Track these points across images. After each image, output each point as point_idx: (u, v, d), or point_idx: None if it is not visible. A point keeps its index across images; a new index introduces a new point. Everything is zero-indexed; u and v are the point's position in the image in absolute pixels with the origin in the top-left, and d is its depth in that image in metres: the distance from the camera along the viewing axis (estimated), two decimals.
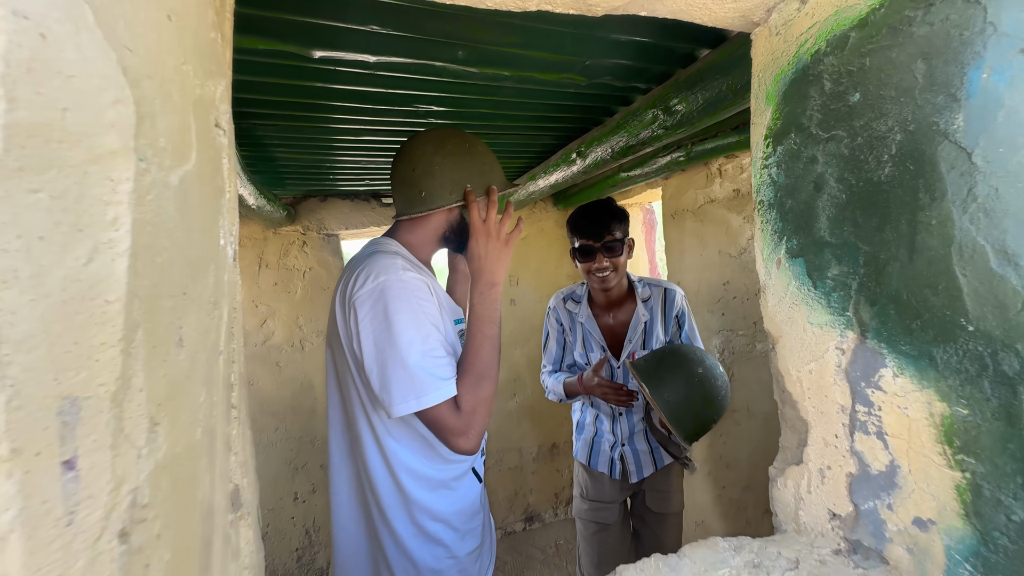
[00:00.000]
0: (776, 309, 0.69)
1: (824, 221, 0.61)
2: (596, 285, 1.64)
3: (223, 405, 0.39)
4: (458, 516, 1.05)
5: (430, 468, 1.01)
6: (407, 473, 0.99)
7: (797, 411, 0.68)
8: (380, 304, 0.88)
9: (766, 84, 0.69)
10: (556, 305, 1.81)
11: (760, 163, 0.70)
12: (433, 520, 1.01)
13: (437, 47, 1.05)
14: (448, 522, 1.03)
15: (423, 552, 1.00)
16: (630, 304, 1.70)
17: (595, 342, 1.72)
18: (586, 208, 1.65)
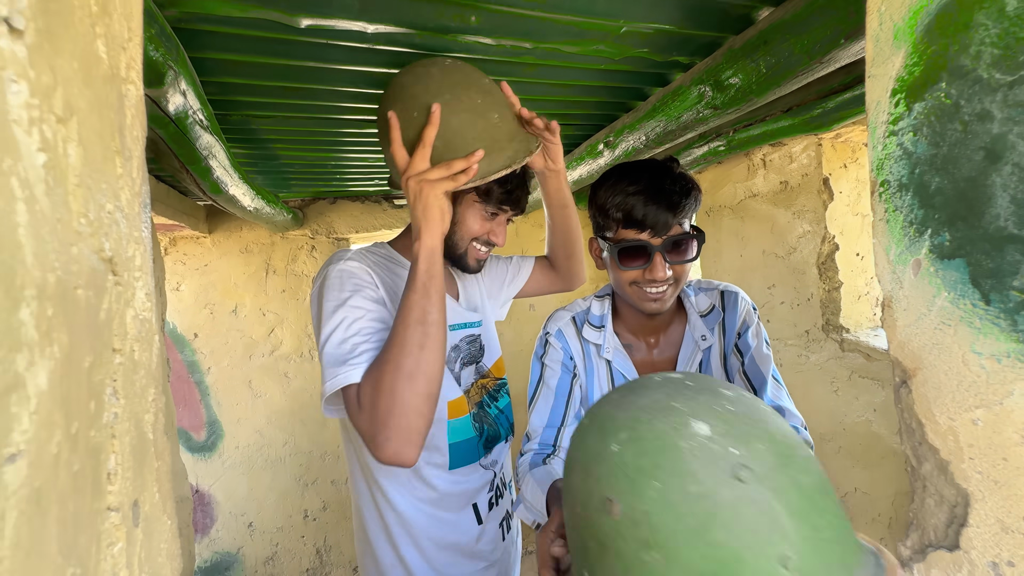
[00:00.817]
0: (912, 331, 0.50)
1: (1005, 204, 0.41)
2: (642, 305, 0.92)
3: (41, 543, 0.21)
4: (433, 546, 0.96)
5: (406, 483, 0.95)
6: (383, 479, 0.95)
7: (947, 474, 0.48)
8: (317, 299, 0.85)
9: (894, 19, 0.50)
10: (562, 334, 1.03)
11: (884, 129, 0.51)
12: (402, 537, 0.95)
13: (447, 12, 0.88)
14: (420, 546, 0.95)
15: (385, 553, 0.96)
16: (679, 322, 1.03)
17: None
18: (636, 171, 0.90)
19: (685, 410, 0.44)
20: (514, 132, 0.87)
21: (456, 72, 0.84)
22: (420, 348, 0.75)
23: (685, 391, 0.47)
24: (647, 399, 0.47)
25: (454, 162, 0.79)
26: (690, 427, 0.42)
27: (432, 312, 0.77)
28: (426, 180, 0.78)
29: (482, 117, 0.83)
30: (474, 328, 1.08)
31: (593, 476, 0.44)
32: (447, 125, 0.80)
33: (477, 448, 1.02)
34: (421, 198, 0.79)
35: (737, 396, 0.47)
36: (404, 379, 0.73)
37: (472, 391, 1.05)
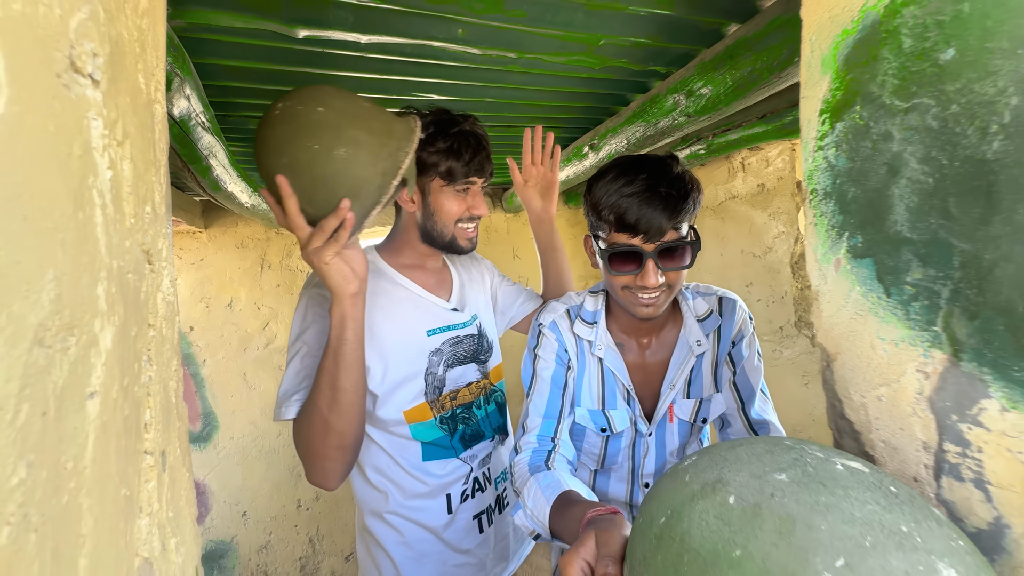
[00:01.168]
0: (834, 320, 0.57)
1: (902, 212, 0.49)
2: (634, 309, 0.88)
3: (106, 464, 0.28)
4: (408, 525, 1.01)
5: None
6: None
7: (860, 444, 0.56)
8: (295, 314, 0.94)
9: (821, 49, 0.57)
10: (556, 326, 0.98)
11: (813, 144, 0.58)
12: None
13: (435, 25, 0.95)
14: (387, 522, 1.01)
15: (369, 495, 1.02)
16: (673, 325, 0.99)
17: (619, 390, 0.97)
18: (634, 169, 0.83)
19: (921, 544, 0.34)
20: (374, 150, 0.75)
21: (284, 124, 0.72)
22: (328, 410, 0.82)
23: (895, 502, 0.37)
24: (856, 508, 0.36)
25: (325, 224, 0.74)
26: (939, 573, 0.32)
27: (340, 378, 0.81)
28: (311, 253, 0.76)
29: (327, 164, 0.72)
30: (461, 329, 1.07)
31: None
32: (300, 190, 0.73)
33: (451, 445, 1.04)
34: (318, 270, 0.78)
35: (948, 519, 0.39)
36: (316, 433, 0.83)
37: (461, 392, 1.06)
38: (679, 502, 0.42)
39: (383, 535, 1.00)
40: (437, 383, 1.03)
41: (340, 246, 0.76)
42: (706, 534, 0.38)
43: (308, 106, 0.72)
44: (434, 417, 1.02)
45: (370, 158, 0.74)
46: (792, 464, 0.41)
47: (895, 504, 0.37)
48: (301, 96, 0.73)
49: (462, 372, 1.07)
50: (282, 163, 0.71)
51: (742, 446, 0.46)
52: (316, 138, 0.71)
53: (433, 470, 1.01)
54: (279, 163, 0.72)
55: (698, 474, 0.44)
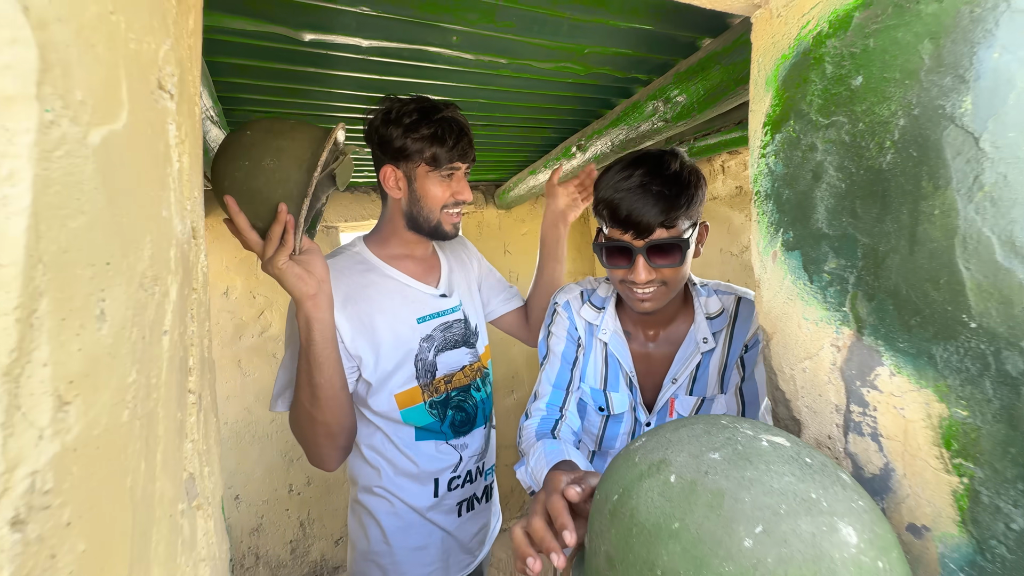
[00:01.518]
0: (771, 304, 0.66)
1: (822, 212, 0.58)
2: (631, 302, 0.92)
3: (171, 388, 0.37)
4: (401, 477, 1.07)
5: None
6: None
7: (790, 410, 0.65)
8: (288, 312, 0.99)
9: (766, 69, 0.66)
10: (569, 306, 1.05)
11: (758, 152, 0.67)
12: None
13: (431, 32, 1.02)
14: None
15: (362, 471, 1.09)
16: (683, 320, 1.00)
17: (622, 375, 1.00)
18: (633, 166, 0.85)
19: (827, 507, 0.39)
20: (297, 153, 0.81)
21: (221, 154, 0.81)
22: (310, 405, 0.90)
23: (809, 472, 0.43)
24: (775, 480, 0.41)
25: (271, 232, 0.80)
26: (839, 532, 0.38)
27: (315, 375, 0.88)
28: (267, 265, 0.82)
29: (258, 175, 0.79)
30: (450, 315, 1.11)
31: (711, 571, 0.37)
32: (245, 206, 0.80)
33: (441, 430, 1.08)
34: (277, 278, 0.83)
35: (853, 481, 0.45)
36: (305, 425, 0.93)
37: (456, 376, 1.10)
38: (629, 481, 0.48)
39: (375, 506, 1.07)
40: (428, 367, 1.06)
41: (288, 249, 0.81)
42: (651, 509, 0.44)
43: (237, 134, 0.82)
44: (424, 401, 1.05)
45: (295, 161, 0.80)
46: (725, 443, 0.46)
47: (808, 474, 0.43)
48: (232, 132, 0.83)
49: (455, 356, 1.11)
50: (224, 186, 0.80)
51: (684, 427, 0.52)
52: (245, 156, 0.79)
53: (424, 450, 1.06)
54: (222, 187, 0.80)
55: (646, 455, 0.49)
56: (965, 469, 0.45)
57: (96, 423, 0.25)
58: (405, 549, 1.06)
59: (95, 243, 0.24)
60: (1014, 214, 0.41)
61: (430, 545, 1.08)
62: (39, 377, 0.21)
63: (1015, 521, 0.42)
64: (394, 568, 1.05)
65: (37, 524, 0.21)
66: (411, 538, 1.07)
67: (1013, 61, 0.42)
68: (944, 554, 0.47)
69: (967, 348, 0.45)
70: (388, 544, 1.05)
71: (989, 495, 0.44)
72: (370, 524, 1.08)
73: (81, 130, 0.23)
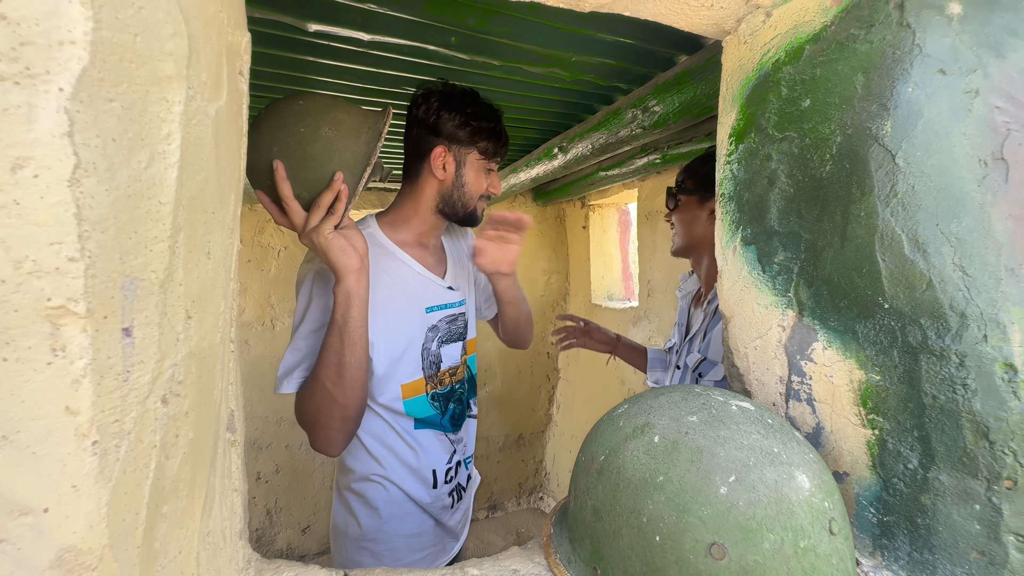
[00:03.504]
0: (731, 291, 0.76)
1: (774, 212, 0.68)
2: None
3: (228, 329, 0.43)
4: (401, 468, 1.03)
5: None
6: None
7: (743, 383, 0.75)
8: (297, 289, 0.95)
9: (733, 88, 0.76)
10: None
11: (724, 159, 0.77)
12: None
13: (431, 31, 1.09)
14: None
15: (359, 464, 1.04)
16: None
17: (679, 324, 1.34)
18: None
19: (785, 459, 0.48)
20: (354, 125, 0.82)
21: (270, 119, 0.79)
22: (333, 385, 0.84)
23: (771, 431, 0.51)
24: (744, 438, 0.50)
25: (321, 199, 0.79)
26: (795, 479, 0.47)
27: (346, 354, 0.83)
28: (312, 232, 0.79)
29: (314, 141, 0.78)
30: (455, 308, 1.11)
31: (693, 515, 0.45)
32: (293, 172, 0.78)
33: (441, 423, 1.08)
34: (320, 248, 0.80)
35: (803, 438, 0.54)
36: (321, 406, 0.86)
37: (459, 369, 1.11)
38: (615, 443, 0.55)
39: (372, 493, 1.03)
40: (433, 358, 1.06)
41: (338, 219, 0.79)
42: (637, 466, 0.50)
43: (288, 101, 0.80)
44: (426, 393, 1.05)
45: (352, 132, 0.80)
46: (700, 408, 0.54)
47: (770, 432, 0.51)
48: (280, 100, 0.81)
49: (456, 349, 1.11)
50: (273, 151, 0.77)
51: (664, 395, 0.60)
52: (301, 122, 0.78)
53: (424, 441, 1.05)
54: (270, 152, 0.77)
55: (629, 420, 0.57)
56: (877, 423, 0.56)
57: (204, 338, 0.31)
58: (401, 536, 1.05)
59: (207, 195, 0.31)
60: (919, 217, 0.52)
61: (424, 532, 1.08)
62: (176, 293, 0.27)
63: (911, 462, 0.53)
64: (389, 554, 1.04)
65: (173, 406, 0.27)
66: (407, 525, 1.06)
67: (922, 95, 0.52)
68: (859, 493, 0.58)
69: (881, 325, 0.55)
70: (383, 531, 1.03)
71: (893, 442, 0.54)
72: (363, 511, 1.05)
73: (205, 104, 0.30)
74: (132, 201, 0.25)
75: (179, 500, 0.29)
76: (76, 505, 0.23)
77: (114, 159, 0.24)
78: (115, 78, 0.24)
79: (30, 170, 0.22)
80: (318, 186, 0.79)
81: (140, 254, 0.25)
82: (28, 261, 0.22)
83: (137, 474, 0.25)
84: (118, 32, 0.24)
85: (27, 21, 0.22)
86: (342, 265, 0.81)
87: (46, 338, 0.22)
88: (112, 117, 0.24)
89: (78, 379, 0.23)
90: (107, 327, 0.24)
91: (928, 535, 0.52)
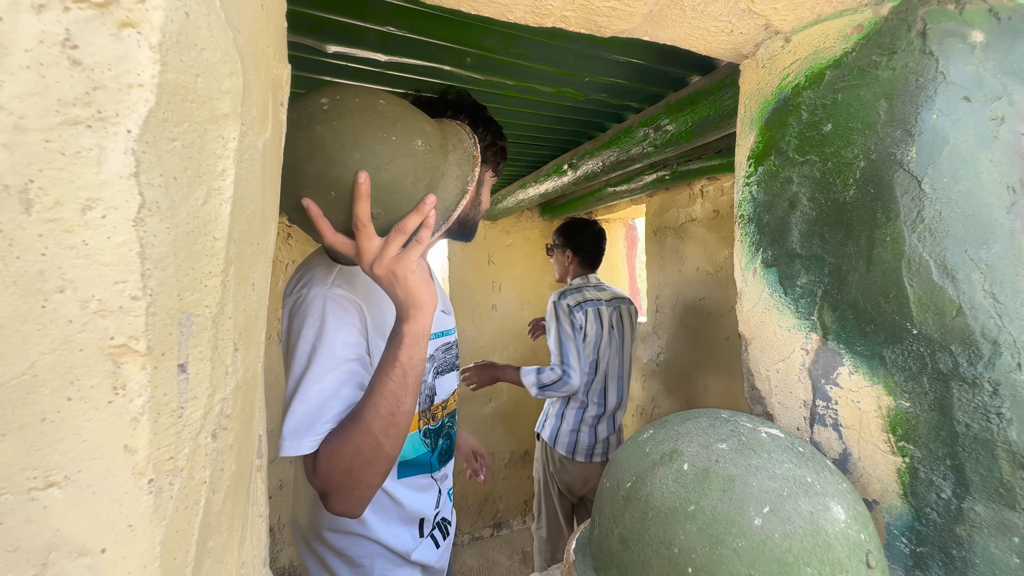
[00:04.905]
0: (750, 313, 0.76)
1: (796, 235, 0.68)
2: None
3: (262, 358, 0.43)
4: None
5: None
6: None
7: (764, 407, 0.74)
8: (296, 321, 0.76)
9: (751, 111, 0.77)
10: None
11: (743, 181, 0.78)
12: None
13: (448, 52, 1.10)
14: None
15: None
16: None
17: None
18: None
19: (820, 489, 0.47)
20: (440, 142, 0.69)
21: (349, 115, 0.62)
22: (384, 435, 0.69)
23: (803, 459, 0.50)
24: (776, 467, 0.48)
25: (406, 222, 0.64)
26: (831, 511, 0.45)
27: (405, 402, 0.70)
28: (392, 262, 0.65)
29: (408, 155, 0.64)
30: (449, 335, 1.03)
31: (726, 547, 0.44)
32: (377, 189, 0.62)
33: (430, 462, 0.97)
34: (399, 281, 0.66)
35: (834, 466, 0.51)
36: (364, 461, 0.70)
37: (450, 401, 1.02)
38: (642, 469, 0.53)
39: (356, 550, 0.91)
40: (428, 391, 0.96)
41: (423, 247, 0.66)
42: (666, 494, 0.49)
43: (365, 98, 0.63)
44: (419, 429, 0.95)
45: (441, 149, 0.67)
46: (730, 435, 0.53)
47: (802, 461, 0.49)
48: (346, 91, 0.64)
49: (450, 380, 1.03)
50: (355, 159, 0.60)
51: (690, 420, 0.59)
52: (391, 129, 0.62)
53: (407, 491, 0.94)
54: (350, 159, 0.60)
55: (656, 446, 0.56)
56: (907, 450, 0.55)
57: (248, 369, 0.31)
58: None
59: (254, 227, 0.31)
60: (947, 243, 0.52)
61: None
62: (226, 327, 0.27)
63: (944, 491, 0.52)
64: None
65: (221, 440, 0.27)
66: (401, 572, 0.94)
67: (947, 122, 0.53)
68: (890, 523, 0.57)
69: (910, 350, 0.55)
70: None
71: (925, 471, 0.54)
72: (344, 568, 0.92)
73: (254, 139, 0.30)
74: (190, 238, 0.25)
75: (221, 534, 0.29)
76: (132, 545, 0.23)
77: (175, 197, 0.25)
78: (177, 118, 0.25)
79: (98, 211, 0.22)
80: (398, 209, 0.65)
81: (196, 290, 0.25)
82: (94, 301, 0.22)
83: (188, 511, 0.25)
84: (182, 74, 0.24)
85: (100, 66, 0.22)
86: (422, 301, 0.68)
87: (108, 377, 0.23)
88: (174, 156, 0.25)
89: (136, 417, 0.23)
90: (164, 364, 0.24)
91: (964, 568, 0.50)
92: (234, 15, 0.27)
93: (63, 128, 0.22)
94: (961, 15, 0.55)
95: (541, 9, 0.64)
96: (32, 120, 0.21)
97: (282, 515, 2.90)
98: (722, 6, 0.64)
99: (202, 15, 0.25)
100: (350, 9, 0.94)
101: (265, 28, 0.33)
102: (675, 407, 2.48)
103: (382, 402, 0.69)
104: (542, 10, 0.64)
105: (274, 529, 2.88)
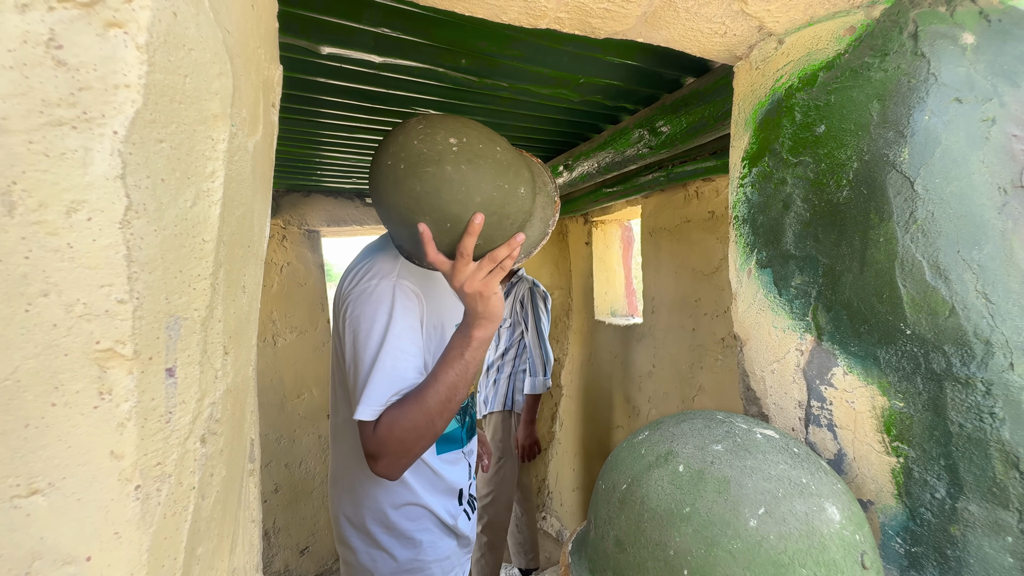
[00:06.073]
0: (745, 314, 0.76)
1: (790, 236, 0.68)
2: None
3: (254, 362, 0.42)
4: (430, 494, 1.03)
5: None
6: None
7: (760, 407, 0.74)
8: (368, 306, 0.88)
9: (745, 112, 0.77)
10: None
11: (737, 182, 0.78)
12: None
13: (443, 54, 1.10)
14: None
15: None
16: None
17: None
18: None
19: (815, 490, 0.47)
20: (533, 186, 0.82)
21: (476, 161, 0.73)
22: (438, 415, 0.83)
23: (797, 460, 0.50)
24: (771, 468, 0.48)
25: (497, 252, 0.78)
26: (826, 512, 0.45)
27: (461, 391, 0.84)
28: (481, 284, 0.78)
29: (513, 202, 0.77)
30: None
31: (722, 548, 0.44)
32: (483, 226, 0.75)
33: (461, 436, 1.08)
34: (482, 299, 0.80)
35: (828, 467, 0.52)
36: (420, 434, 0.83)
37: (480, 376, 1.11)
38: (637, 471, 0.53)
39: (407, 524, 1.02)
40: None
41: (505, 272, 0.81)
42: (662, 496, 0.49)
43: (487, 143, 0.75)
44: None
45: (532, 194, 0.81)
46: (725, 436, 0.53)
47: (797, 462, 0.50)
48: (470, 133, 0.75)
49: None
50: (475, 202, 0.73)
51: (685, 421, 0.59)
52: (505, 177, 0.75)
53: (446, 465, 1.06)
54: (471, 202, 0.73)
55: (652, 447, 0.56)
56: (901, 450, 0.55)
57: (239, 373, 0.31)
58: (436, 561, 1.05)
59: (244, 229, 0.31)
60: (939, 243, 0.52)
61: (451, 554, 1.08)
62: (216, 330, 0.27)
63: (938, 491, 0.52)
64: None
65: (210, 445, 0.26)
66: (439, 550, 1.06)
67: (939, 123, 0.53)
68: (884, 523, 0.57)
69: (904, 351, 0.55)
70: (419, 559, 1.03)
71: (919, 471, 0.54)
72: (396, 543, 1.03)
73: (244, 140, 0.30)
74: (178, 240, 0.25)
75: (211, 540, 0.28)
76: (118, 552, 0.22)
77: (162, 199, 0.24)
78: (165, 119, 0.24)
79: (84, 213, 0.22)
80: (495, 241, 0.78)
81: (184, 293, 0.25)
82: (79, 304, 0.22)
83: (176, 517, 0.25)
84: (170, 74, 0.24)
85: (86, 67, 0.22)
86: (495, 314, 0.82)
87: (93, 381, 0.22)
88: (162, 158, 0.24)
89: (123, 422, 0.23)
90: (152, 368, 0.24)
91: (959, 567, 0.51)
92: (223, 15, 0.27)
93: (47, 129, 0.21)
94: (952, 17, 0.55)
95: (535, 11, 0.64)
96: (15, 121, 0.21)
97: (277, 520, 2.88)
98: (716, 8, 0.64)
99: (190, 15, 0.25)
100: (344, 10, 0.93)
101: (256, 28, 0.32)
102: (670, 408, 2.48)
103: (443, 389, 0.82)
104: (536, 12, 0.64)
105: (268, 534, 2.86)
